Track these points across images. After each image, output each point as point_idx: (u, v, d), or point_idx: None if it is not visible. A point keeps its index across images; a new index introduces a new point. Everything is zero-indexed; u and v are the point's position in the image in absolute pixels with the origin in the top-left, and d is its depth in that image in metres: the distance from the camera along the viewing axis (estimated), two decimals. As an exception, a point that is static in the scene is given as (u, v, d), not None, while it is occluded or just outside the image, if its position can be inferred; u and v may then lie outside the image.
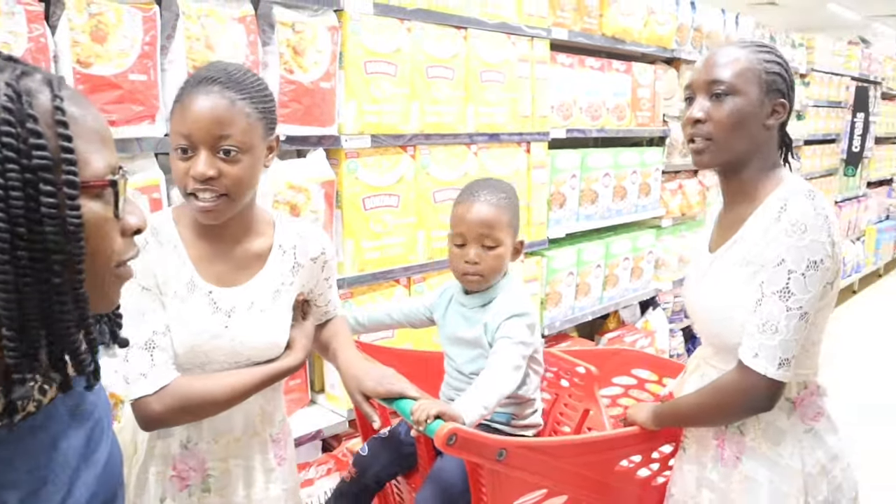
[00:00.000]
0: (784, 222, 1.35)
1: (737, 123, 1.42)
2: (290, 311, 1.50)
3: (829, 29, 10.68)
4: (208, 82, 1.29)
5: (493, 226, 1.67)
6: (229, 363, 1.41)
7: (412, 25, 2.44)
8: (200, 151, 1.27)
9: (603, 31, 3.39)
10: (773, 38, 5.30)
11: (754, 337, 1.36)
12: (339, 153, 2.31)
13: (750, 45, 1.48)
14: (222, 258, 1.41)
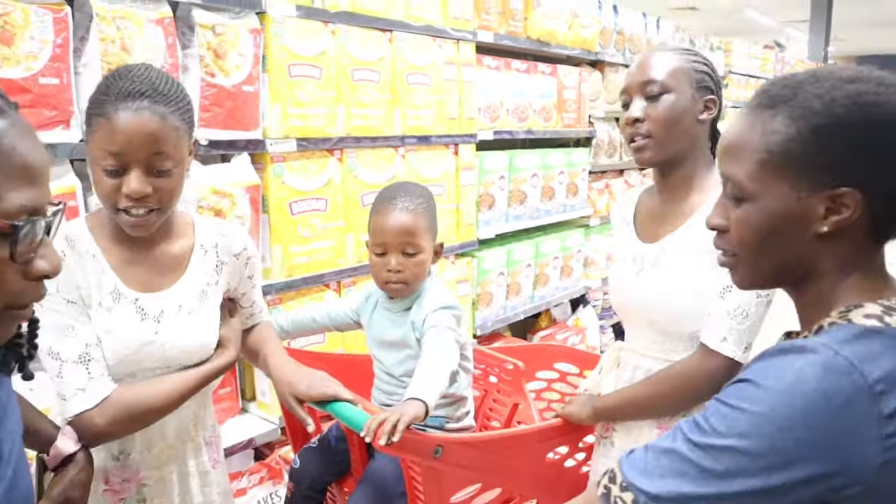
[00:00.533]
0: None
1: (673, 120, 1.49)
2: (217, 311, 1.49)
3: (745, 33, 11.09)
4: (136, 97, 1.24)
5: (414, 233, 1.66)
6: (160, 370, 1.39)
7: (336, 28, 2.43)
8: (133, 170, 1.25)
9: (528, 34, 3.44)
10: (693, 42, 5.48)
11: (722, 321, 1.42)
12: (264, 157, 2.28)
13: (677, 49, 1.55)
14: (144, 264, 1.39)
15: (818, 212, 0.91)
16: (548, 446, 1.67)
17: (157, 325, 1.37)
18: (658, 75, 1.50)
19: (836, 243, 0.92)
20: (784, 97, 0.92)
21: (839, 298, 0.94)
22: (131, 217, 1.28)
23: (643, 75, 1.51)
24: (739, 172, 0.95)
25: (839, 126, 0.88)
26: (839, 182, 0.88)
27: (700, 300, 1.46)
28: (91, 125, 1.26)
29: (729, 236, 1.00)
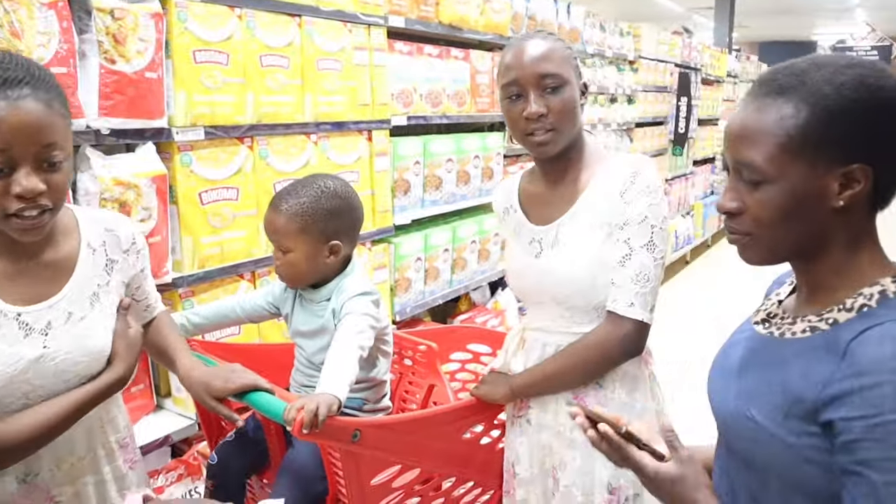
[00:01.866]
0: (640, 185, 1.52)
1: (571, 110, 1.54)
2: (112, 314, 1.40)
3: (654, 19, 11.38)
4: (14, 85, 1.13)
5: (285, 234, 1.69)
6: (56, 385, 1.29)
7: (243, 13, 2.38)
8: (21, 167, 1.14)
9: (440, 19, 3.45)
10: (603, 27, 5.59)
11: (627, 288, 1.51)
12: (171, 146, 2.21)
13: (547, 35, 1.59)
14: (25, 273, 1.28)
15: (833, 188, 0.99)
16: (463, 425, 1.70)
17: (44, 339, 1.27)
18: (554, 68, 1.52)
19: (849, 216, 1.01)
20: (793, 84, 1.00)
21: (865, 264, 1.03)
22: (24, 221, 1.17)
23: (538, 68, 1.52)
24: (758, 157, 1.01)
25: (849, 107, 0.97)
26: (851, 158, 0.97)
27: (601, 271, 1.53)
28: None
29: (743, 218, 1.06)
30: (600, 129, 5.65)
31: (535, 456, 1.67)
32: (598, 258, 1.54)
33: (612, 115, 5.82)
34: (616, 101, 5.92)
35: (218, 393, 1.46)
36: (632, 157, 1.61)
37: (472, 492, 1.80)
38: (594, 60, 5.45)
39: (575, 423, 1.43)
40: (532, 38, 1.57)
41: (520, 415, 1.70)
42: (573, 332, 1.59)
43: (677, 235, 7.50)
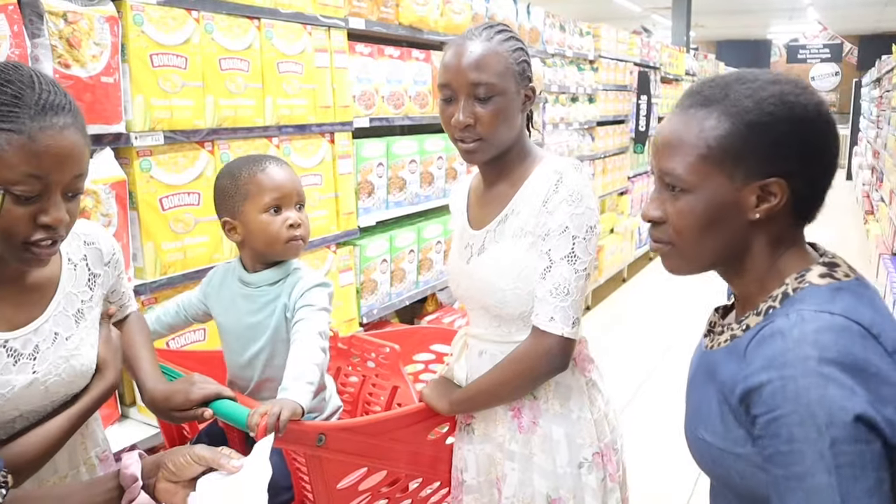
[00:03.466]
0: (562, 193, 1.47)
1: (502, 121, 1.49)
2: (96, 328, 1.38)
3: (614, 19, 11.51)
4: (59, 112, 1.11)
5: (301, 186, 1.69)
6: (45, 406, 1.27)
7: (201, 16, 2.36)
8: (53, 195, 1.12)
9: (400, 21, 3.45)
10: (563, 27, 5.65)
11: (547, 302, 1.46)
12: (129, 152, 2.19)
13: (494, 34, 1.51)
14: (8, 298, 1.24)
15: (751, 200, 1.01)
16: (429, 425, 1.70)
17: (33, 364, 1.24)
18: (487, 77, 1.47)
19: (767, 226, 1.03)
20: (717, 97, 1.02)
21: (783, 270, 1.04)
22: (41, 250, 1.14)
23: (470, 75, 1.47)
24: (679, 167, 1.03)
25: (768, 122, 0.99)
26: (768, 172, 0.99)
27: (524, 282, 1.51)
28: None
29: (665, 227, 1.07)
30: (562, 129, 5.70)
31: (481, 466, 1.67)
32: (520, 269, 1.51)
33: (573, 115, 5.88)
34: (577, 101, 5.98)
35: (181, 406, 1.44)
36: (559, 161, 1.54)
37: (439, 492, 1.80)
38: (555, 60, 5.49)
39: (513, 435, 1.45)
40: (474, 38, 1.50)
41: (467, 423, 1.69)
42: (506, 340, 1.57)
43: (640, 232, 7.60)
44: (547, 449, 1.57)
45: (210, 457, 1.14)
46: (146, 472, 1.13)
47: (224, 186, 1.68)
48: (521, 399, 1.59)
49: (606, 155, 6.74)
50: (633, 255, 7.43)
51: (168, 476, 1.12)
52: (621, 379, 4.63)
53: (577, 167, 1.52)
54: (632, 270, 7.52)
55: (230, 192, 1.67)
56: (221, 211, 1.70)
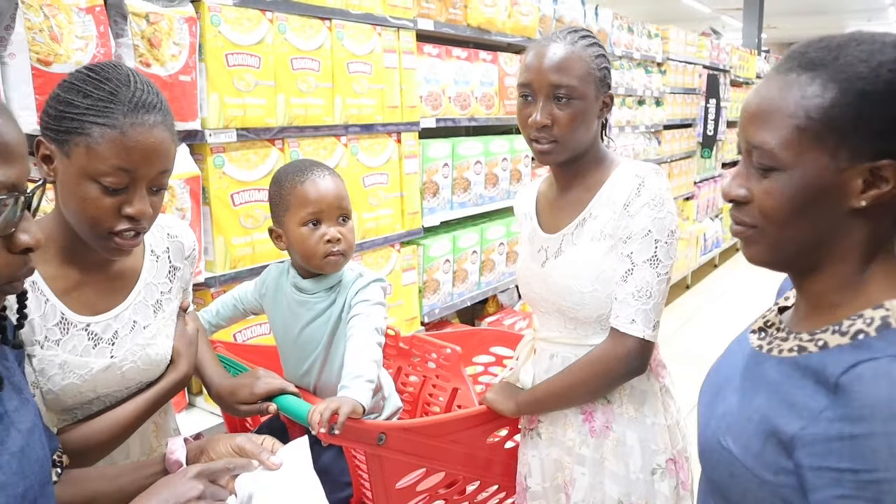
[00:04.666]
0: (644, 197, 1.46)
1: (580, 125, 1.49)
2: (173, 321, 1.42)
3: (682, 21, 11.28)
4: (151, 110, 1.16)
5: (345, 197, 1.64)
6: (119, 392, 1.32)
7: (275, 17, 2.41)
8: (139, 188, 1.17)
9: (468, 22, 3.45)
10: (631, 29, 5.57)
11: (628, 304, 1.46)
12: (203, 148, 2.25)
13: (578, 39, 1.51)
14: (92, 284, 1.29)
15: (856, 185, 0.85)
16: (488, 429, 1.70)
17: (112, 349, 1.29)
18: (568, 80, 1.47)
19: (869, 220, 0.87)
20: (824, 60, 0.86)
21: (873, 283, 0.89)
22: (124, 241, 1.19)
23: (550, 77, 1.47)
24: (771, 140, 0.88)
25: (886, 91, 0.82)
26: (882, 153, 0.83)
27: (603, 285, 1.50)
28: (88, 134, 1.13)
29: (750, 208, 0.92)
30: (628, 132, 5.63)
31: (547, 471, 1.65)
32: (599, 271, 1.51)
33: (639, 118, 5.79)
34: (644, 104, 5.89)
35: (246, 400, 1.48)
36: (639, 165, 1.53)
37: (497, 496, 1.79)
38: (622, 63, 5.42)
39: None
40: (557, 41, 1.51)
41: (531, 427, 1.68)
42: (580, 343, 1.57)
43: (706, 238, 7.44)
44: (620, 454, 1.55)
45: (249, 448, 1.16)
46: (190, 458, 1.16)
47: (272, 194, 1.67)
48: (593, 402, 1.57)
49: (672, 159, 6.62)
50: (698, 261, 7.28)
51: None
52: (684, 386, 4.54)
53: (657, 171, 1.51)
54: (696, 277, 7.36)
55: (276, 201, 1.66)
56: (272, 216, 1.70)
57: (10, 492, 0.89)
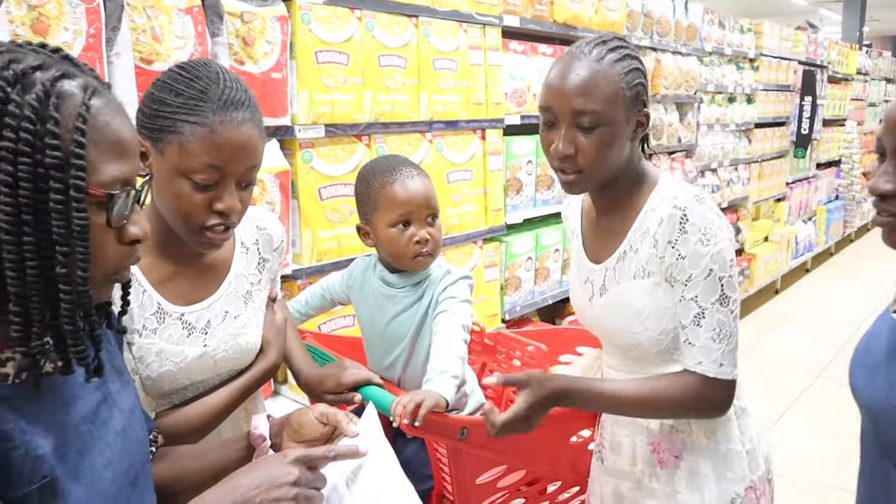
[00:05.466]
0: (693, 234, 1.32)
1: (607, 153, 1.34)
2: (262, 311, 1.45)
3: (777, 14, 10.88)
4: (239, 107, 1.18)
5: (433, 197, 1.63)
6: (211, 379, 1.37)
7: (363, 14, 2.44)
8: (229, 184, 1.20)
9: (554, 18, 3.42)
10: (723, 24, 5.40)
11: (710, 349, 1.34)
12: (293, 143, 2.30)
13: (606, 53, 1.34)
14: (186, 275, 1.33)
15: None
16: (570, 428, 1.68)
17: (205, 338, 1.33)
18: (592, 105, 1.31)
19: None
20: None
21: None
22: (215, 235, 1.23)
23: (573, 101, 1.31)
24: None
25: None
26: None
27: (654, 323, 1.39)
28: (180, 132, 1.16)
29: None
30: (717, 130, 5.47)
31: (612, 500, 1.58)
32: (647, 312, 1.39)
33: (729, 115, 5.62)
34: (734, 101, 5.71)
35: (333, 390, 1.50)
36: (678, 190, 1.37)
37: (578, 497, 1.77)
38: (712, 59, 5.27)
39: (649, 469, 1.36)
40: (582, 57, 1.34)
41: (598, 450, 1.61)
42: (646, 374, 1.46)
43: (797, 242, 7.15)
44: (694, 486, 1.46)
45: (331, 413, 1.17)
46: (273, 432, 1.19)
47: (359, 191, 1.68)
48: (659, 432, 1.49)
49: (763, 159, 6.39)
50: (789, 265, 7.00)
51: (292, 435, 1.17)
52: (769, 395, 4.39)
53: (699, 198, 1.36)
54: (786, 281, 7.08)
55: (363, 199, 1.66)
56: (358, 213, 1.71)
57: (116, 468, 0.94)
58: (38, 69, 0.79)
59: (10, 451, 0.80)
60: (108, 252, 0.85)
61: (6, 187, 0.75)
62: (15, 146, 0.75)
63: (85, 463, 0.89)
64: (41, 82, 0.78)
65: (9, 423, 0.81)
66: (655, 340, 1.41)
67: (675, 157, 4.79)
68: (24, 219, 0.76)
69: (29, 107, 0.76)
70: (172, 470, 1.17)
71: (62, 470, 0.85)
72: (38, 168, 0.77)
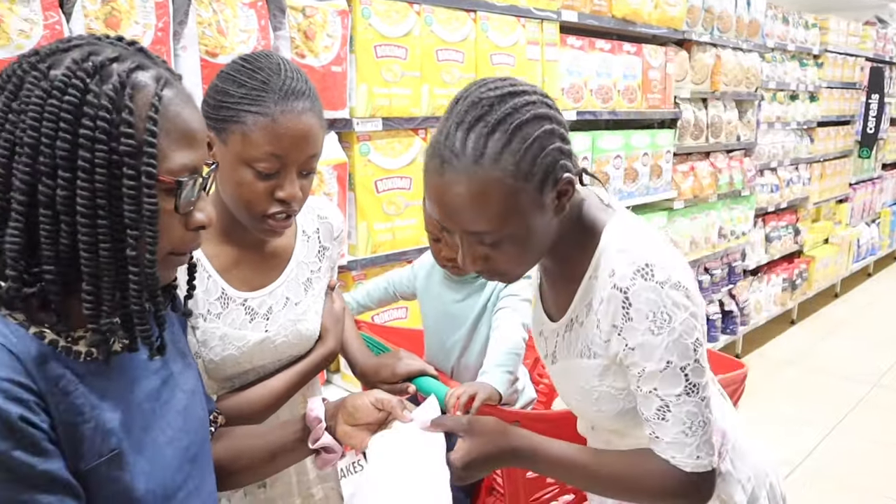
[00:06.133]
0: (639, 321, 1.07)
1: (525, 252, 1.11)
2: (322, 298, 1.47)
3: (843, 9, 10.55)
4: (299, 97, 1.20)
5: None
6: (271, 364, 1.39)
7: (422, 9, 2.46)
8: (290, 172, 1.21)
9: (613, 13, 3.39)
10: (786, 19, 5.27)
11: (683, 444, 1.11)
12: (351, 136, 2.33)
13: (485, 140, 1.01)
14: (249, 262, 1.36)
15: None
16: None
17: (266, 323, 1.35)
18: (485, 225, 1.04)
19: None
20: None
21: None
22: (277, 223, 1.25)
23: (464, 225, 1.06)
24: None
25: None
26: None
27: (606, 405, 1.20)
28: (243, 122, 1.17)
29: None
30: (778, 129, 5.34)
31: None
32: (595, 394, 1.19)
33: (791, 114, 5.49)
34: (797, 99, 5.57)
35: (388, 380, 1.52)
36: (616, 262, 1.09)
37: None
38: (774, 55, 5.15)
39: None
40: (455, 161, 1.01)
41: None
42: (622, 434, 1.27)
43: (860, 245, 6.94)
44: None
45: (386, 399, 1.18)
46: (329, 415, 1.20)
47: None
48: None
49: (826, 158, 6.21)
50: (849, 268, 6.80)
51: (347, 419, 1.18)
52: (824, 401, 4.29)
53: (645, 272, 1.06)
54: (846, 286, 6.88)
55: None
56: None
57: (176, 445, 0.97)
58: (114, 61, 0.82)
59: (81, 424, 0.84)
60: (174, 236, 0.89)
61: (83, 173, 0.79)
62: (92, 133, 0.79)
63: (147, 439, 0.93)
64: (117, 73, 0.81)
65: (80, 397, 0.84)
66: (613, 419, 1.22)
67: (734, 156, 4.69)
68: (99, 203, 0.80)
69: (106, 97, 0.79)
70: (229, 449, 1.20)
71: (128, 444, 0.89)
72: (112, 155, 0.80)
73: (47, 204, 0.79)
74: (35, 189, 0.79)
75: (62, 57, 0.81)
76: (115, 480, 0.87)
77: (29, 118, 0.78)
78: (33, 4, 1.63)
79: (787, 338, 5.58)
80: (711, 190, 4.34)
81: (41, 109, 0.78)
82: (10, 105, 0.80)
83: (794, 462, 3.68)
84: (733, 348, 5.10)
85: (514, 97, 1.04)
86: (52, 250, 0.80)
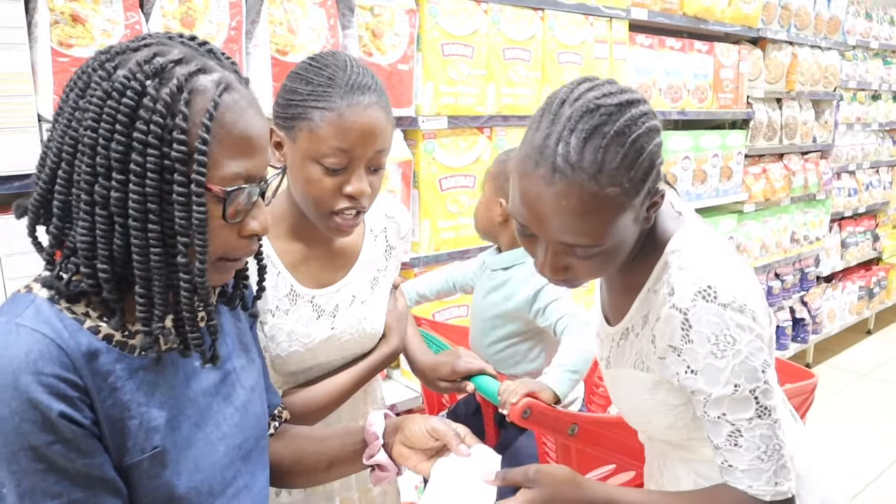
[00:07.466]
0: (701, 345, 1.02)
1: (610, 263, 1.06)
2: (387, 297, 1.48)
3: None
4: (365, 91, 1.19)
5: None
6: (336, 361, 1.41)
7: (489, 7, 2.46)
8: (357, 167, 1.21)
9: (684, 11, 3.32)
10: (870, 15, 5.07)
11: (760, 470, 1.06)
12: (416, 134, 2.35)
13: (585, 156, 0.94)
14: (317, 259, 1.37)
15: None
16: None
17: (333, 321, 1.36)
18: (585, 239, 0.99)
19: None
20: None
21: None
22: (345, 220, 1.24)
23: (561, 237, 1.00)
24: None
25: None
26: None
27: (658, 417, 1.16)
28: (310, 118, 1.18)
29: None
30: (857, 130, 5.14)
31: None
32: (648, 406, 1.16)
33: (872, 114, 5.27)
34: (879, 98, 5.35)
35: (447, 377, 1.53)
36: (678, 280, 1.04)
37: None
38: (855, 53, 4.95)
39: None
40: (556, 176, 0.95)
41: None
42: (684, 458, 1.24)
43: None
44: None
45: (443, 431, 1.12)
46: (387, 432, 1.18)
47: (502, 180, 1.74)
48: None
49: (907, 161, 5.95)
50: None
51: (403, 440, 1.16)
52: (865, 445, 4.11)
53: (707, 294, 1.01)
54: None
55: (507, 177, 1.70)
56: (500, 192, 1.74)
57: (229, 442, 0.98)
58: (178, 63, 0.82)
59: (127, 420, 0.85)
60: (226, 243, 0.88)
61: (136, 176, 0.79)
62: (145, 138, 0.79)
63: (200, 434, 0.93)
64: (178, 77, 0.80)
65: (127, 394, 0.86)
66: (663, 432, 1.19)
67: (809, 158, 4.54)
68: (150, 207, 0.80)
69: (162, 101, 0.79)
70: (289, 450, 1.21)
71: (173, 441, 0.90)
72: (164, 160, 0.79)
73: (103, 204, 0.80)
74: (93, 188, 0.80)
75: (129, 57, 0.82)
76: (157, 477, 0.88)
77: (89, 117, 0.79)
78: (115, 5, 1.69)
79: (862, 348, 5.38)
80: (784, 193, 4.21)
81: (100, 110, 0.79)
82: (77, 103, 0.81)
83: (867, 479, 3.53)
84: (804, 357, 4.94)
85: (631, 107, 0.97)
86: (106, 250, 0.81)
